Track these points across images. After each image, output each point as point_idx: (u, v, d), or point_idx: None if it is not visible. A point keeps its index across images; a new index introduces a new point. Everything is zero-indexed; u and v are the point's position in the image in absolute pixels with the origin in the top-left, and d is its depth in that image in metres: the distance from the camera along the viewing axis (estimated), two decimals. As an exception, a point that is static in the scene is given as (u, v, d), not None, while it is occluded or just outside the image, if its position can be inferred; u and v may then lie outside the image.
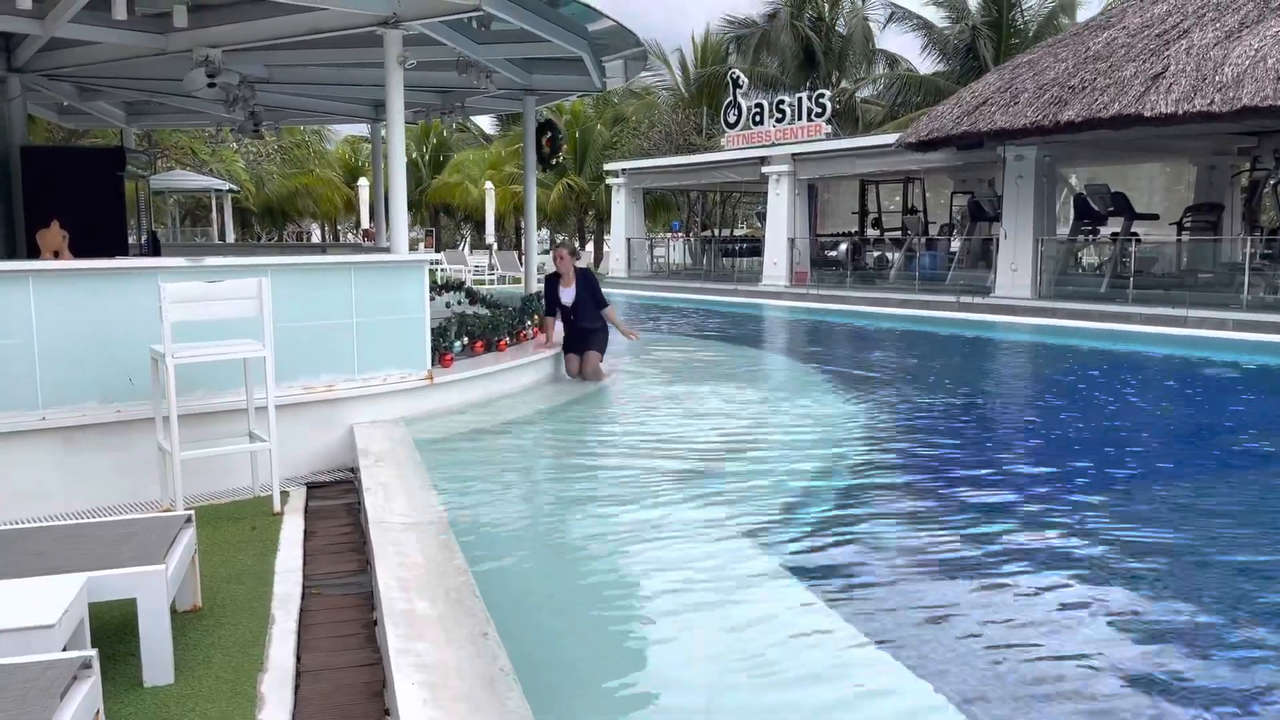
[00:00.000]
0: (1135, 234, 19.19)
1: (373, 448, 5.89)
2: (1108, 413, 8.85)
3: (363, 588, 4.17)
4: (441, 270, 26.54)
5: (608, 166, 30.93)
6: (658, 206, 38.40)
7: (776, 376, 11.50)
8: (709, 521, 5.24)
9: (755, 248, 28.30)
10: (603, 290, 9.88)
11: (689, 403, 8.83)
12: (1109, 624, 3.93)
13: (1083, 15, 29.98)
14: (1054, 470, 6.64)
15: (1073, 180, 27.25)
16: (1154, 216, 21.72)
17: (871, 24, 34.22)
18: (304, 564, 4.45)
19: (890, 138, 20.96)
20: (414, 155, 42.50)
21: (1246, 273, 15.86)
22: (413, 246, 26.30)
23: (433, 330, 7.39)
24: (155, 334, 4.97)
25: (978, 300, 18.46)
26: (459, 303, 11.37)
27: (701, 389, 9.70)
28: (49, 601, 2.78)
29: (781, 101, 24.66)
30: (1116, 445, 7.45)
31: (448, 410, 7.33)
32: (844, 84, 33.97)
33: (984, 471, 6.58)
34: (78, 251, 7.98)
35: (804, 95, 24.31)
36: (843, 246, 25.27)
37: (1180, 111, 14.31)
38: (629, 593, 4.39)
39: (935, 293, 19.83)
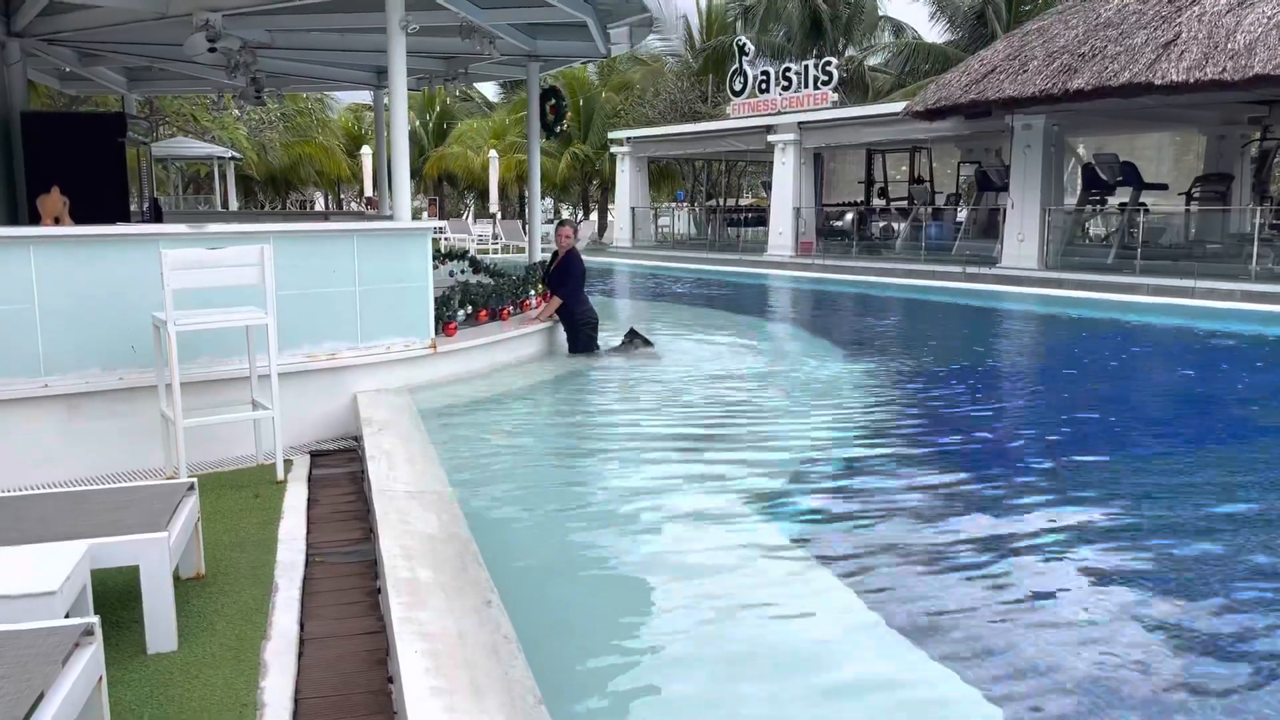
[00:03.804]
0: (1143, 204, 19.05)
1: (376, 416, 5.87)
2: (1113, 383, 8.82)
3: (366, 556, 4.16)
4: (445, 239, 26.48)
5: (612, 135, 30.71)
6: (663, 176, 38.15)
7: (781, 345, 11.46)
8: (713, 490, 5.23)
9: (760, 217, 28.16)
10: (570, 279, 9.17)
11: (693, 371, 8.80)
12: (1115, 593, 3.92)
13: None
14: (1057, 438, 6.62)
15: (1081, 150, 27.04)
16: (1163, 186, 21.59)
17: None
18: (307, 532, 4.44)
19: (897, 106, 20.77)
20: (417, 124, 42.25)
21: (1255, 243, 15.76)
22: (416, 215, 26.20)
23: (436, 299, 7.35)
24: (157, 301, 4.94)
25: (984, 271, 18.36)
26: (462, 271, 11.33)
27: (705, 358, 9.68)
28: (51, 568, 2.77)
29: (788, 69, 24.43)
30: (1124, 415, 7.42)
31: (451, 379, 7.30)
32: (851, 52, 33.62)
33: (988, 439, 6.56)
34: (79, 218, 7.93)
35: (810, 63, 24.07)
36: (849, 216, 25.14)
37: (1191, 80, 14.15)
38: (632, 561, 4.38)
39: (941, 263, 19.73)
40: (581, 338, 9.19)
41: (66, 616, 2.67)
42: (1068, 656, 3.37)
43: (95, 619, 2.48)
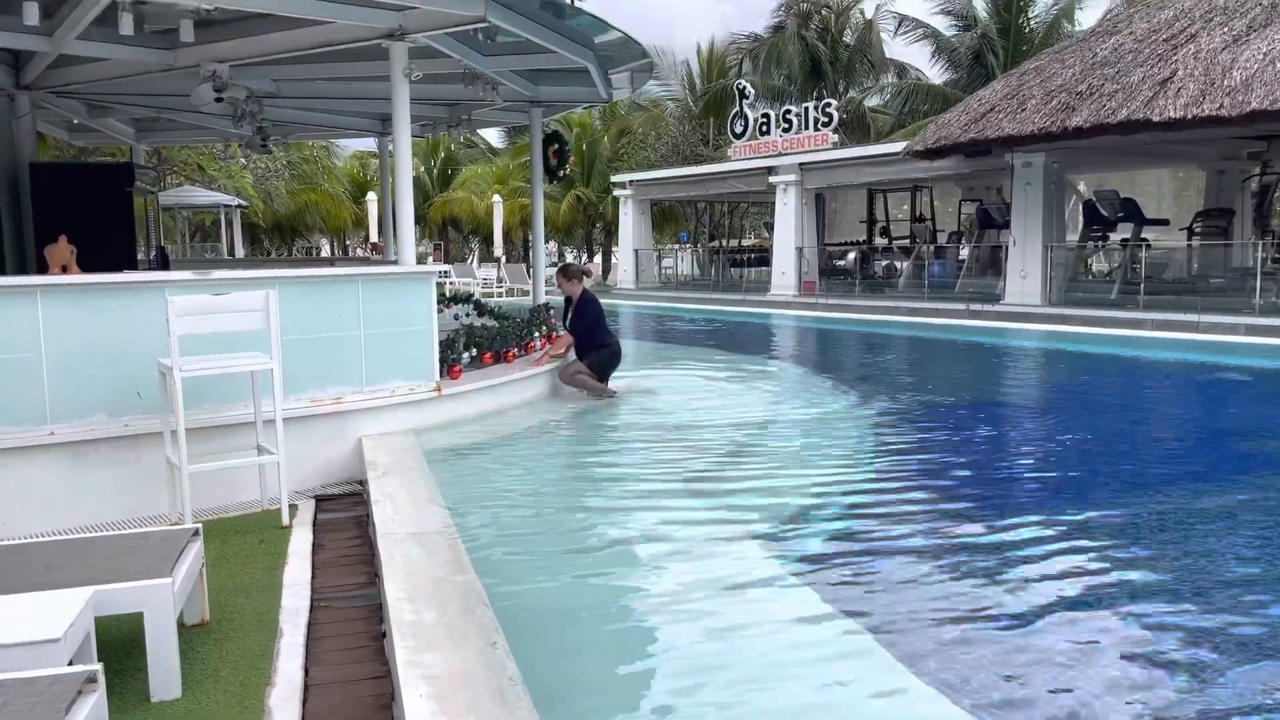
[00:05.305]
0: (1145, 240, 19.11)
1: (381, 460, 5.86)
2: (1119, 418, 8.79)
3: (371, 600, 4.14)
4: (450, 283, 26.63)
5: (615, 178, 30.98)
6: (665, 218, 38.42)
7: (785, 384, 11.44)
8: (717, 529, 5.20)
9: (763, 258, 28.27)
10: (582, 319, 9.31)
11: (697, 411, 8.80)
12: (1121, 632, 3.88)
13: (1081, 17, 30.13)
14: (1064, 476, 6.59)
15: (1081, 187, 27.20)
16: (1164, 222, 21.65)
17: (880, 33, 34.26)
18: (312, 577, 4.42)
19: (898, 146, 20.94)
20: (421, 170, 42.67)
21: (1258, 277, 15.78)
22: (421, 260, 26.37)
23: (441, 342, 7.38)
24: (163, 348, 4.96)
25: (987, 308, 18.39)
26: (467, 315, 11.39)
27: (709, 398, 9.67)
28: (55, 615, 2.76)
29: (788, 111, 24.69)
30: (1130, 451, 7.39)
31: (456, 422, 7.30)
32: (851, 93, 33.98)
33: (996, 477, 6.53)
34: (86, 267, 7.99)
35: (810, 105, 24.32)
36: (851, 255, 25.24)
37: (1189, 116, 14.26)
38: (638, 601, 4.34)
39: (944, 301, 19.77)
40: (601, 360, 9.23)
41: (70, 664, 2.66)
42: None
43: (98, 666, 2.46)
